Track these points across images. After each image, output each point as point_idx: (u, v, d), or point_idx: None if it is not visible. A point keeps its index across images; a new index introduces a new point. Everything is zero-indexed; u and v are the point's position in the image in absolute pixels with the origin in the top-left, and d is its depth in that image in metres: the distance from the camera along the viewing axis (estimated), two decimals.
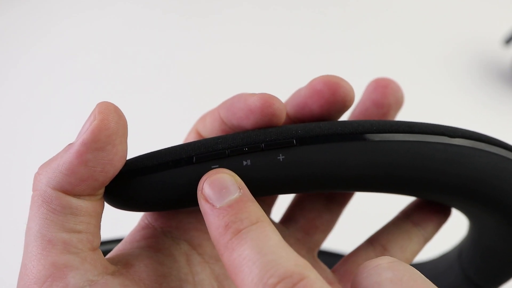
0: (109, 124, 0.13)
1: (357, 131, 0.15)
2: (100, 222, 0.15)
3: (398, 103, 0.18)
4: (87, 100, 0.50)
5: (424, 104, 0.51)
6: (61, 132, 0.46)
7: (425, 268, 0.24)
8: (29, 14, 0.61)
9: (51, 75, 0.53)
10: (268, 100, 0.15)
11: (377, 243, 0.18)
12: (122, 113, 0.14)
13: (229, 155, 0.14)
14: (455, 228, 0.24)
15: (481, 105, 0.51)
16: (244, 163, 0.14)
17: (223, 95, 0.18)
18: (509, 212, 0.16)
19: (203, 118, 0.18)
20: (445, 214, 0.19)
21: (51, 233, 0.13)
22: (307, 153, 0.14)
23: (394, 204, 0.21)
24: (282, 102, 0.15)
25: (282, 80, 0.53)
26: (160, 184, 0.15)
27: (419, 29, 0.61)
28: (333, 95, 0.16)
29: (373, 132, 0.15)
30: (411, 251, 0.18)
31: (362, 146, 0.14)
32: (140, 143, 0.27)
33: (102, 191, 0.14)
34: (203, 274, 0.16)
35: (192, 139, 0.18)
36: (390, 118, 0.18)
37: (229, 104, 0.16)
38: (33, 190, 0.14)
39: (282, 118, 0.15)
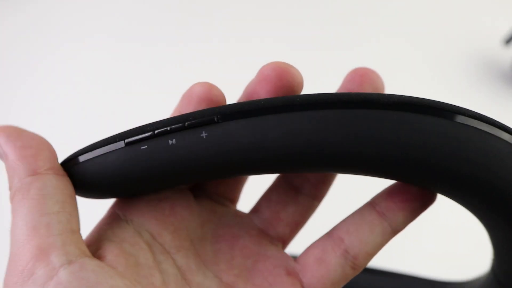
0: (5, 128, 0.15)
1: (280, 104, 0.14)
2: (76, 205, 0.15)
3: (376, 91, 0.17)
4: (86, 100, 0.50)
5: None
6: (61, 132, 0.46)
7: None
8: (30, 14, 0.61)
9: (51, 75, 0.53)
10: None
11: (336, 235, 0.17)
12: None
13: (156, 135, 0.15)
14: None
15: (481, 105, 0.51)
16: (170, 142, 0.15)
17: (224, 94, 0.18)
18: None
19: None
20: (424, 200, 0.17)
21: (33, 220, 0.14)
22: (228, 129, 0.14)
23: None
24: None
25: None
26: (96, 166, 0.15)
27: (419, 29, 0.61)
28: (279, 80, 0.16)
29: (295, 106, 0.14)
30: (373, 245, 0.17)
31: (284, 119, 0.14)
32: None
33: (60, 168, 0.16)
34: (166, 263, 0.16)
35: None
36: None
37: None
38: (9, 191, 0.15)
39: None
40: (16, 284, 0.13)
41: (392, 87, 0.57)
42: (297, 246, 0.20)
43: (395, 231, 0.17)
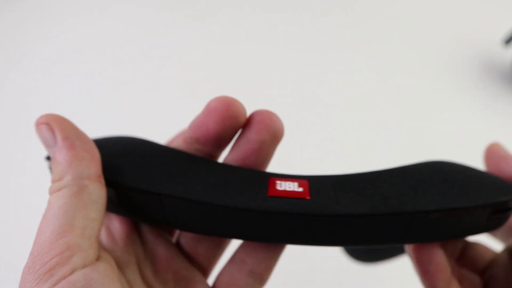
0: (64, 120, 0.17)
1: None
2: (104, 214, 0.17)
3: (274, 138, 0.19)
4: (84, 101, 0.50)
5: (424, 104, 0.51)
6: None
7: None
8: (29, 15, 0.61)
9: (50, 75, 0.53)
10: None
11: (237, 258, 0.20)
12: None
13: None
14: None
15: (481, 105, 0.51)
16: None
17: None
18: None
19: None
20: None
21: (74, 219, 0.15)
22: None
23: None
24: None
25: (281, 81, 0.53)
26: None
27: (419, 29, 0.61)
28: (226, 111, 0.17)
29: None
30: (272, 259, 0.19)
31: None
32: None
33: (102, 177, 0.17)
34: (120, 276, 0.18)
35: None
36: (263, 153, 0.18)
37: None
38: (57, 188, 0.16)
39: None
40: (36, 272, 0.14)
41: (393, 87, 0.57)
42: None
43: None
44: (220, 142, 0.18)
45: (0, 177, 0.42)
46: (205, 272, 0.21)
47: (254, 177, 0.17)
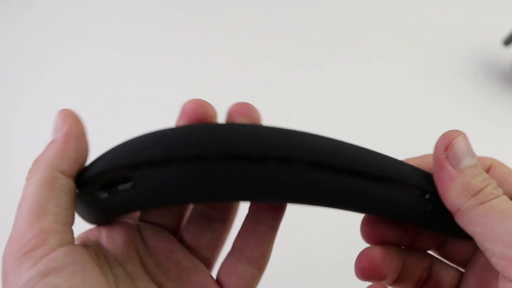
0: (78, 121, 0.18)
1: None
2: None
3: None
4: (82, 102, 0.50)
5: (424, 105, 0.51)
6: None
7: None
8: (30, 15, 0.60)
9: (49, 76, 0.53)
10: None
11: (235, 248, 0.21)
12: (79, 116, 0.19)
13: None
14: None
15: (481, 105, 0.51)
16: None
17: (222, 98, 0.19)
18: None
19: None
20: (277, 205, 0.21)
21: (47, 206, 0.16)
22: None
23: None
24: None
25: (282, 81, 0.53)
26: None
27: (419, 30, 0.61)
28: (197, 112, 0.18)
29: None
30: (266, 245, 0.21)
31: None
32: None
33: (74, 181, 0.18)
34: (117, 270, 0.19)
35: None
36: None
37: None
38: (32, 175, 0.17)
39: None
40: (15, 256, 0.15)
41: (393, 87, 0.57)
42: None
43: (274, 229, 0.21)
44: None
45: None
46: (209, 263, 0.22)
47: None
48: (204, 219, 0.22)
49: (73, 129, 0.18)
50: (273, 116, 0.20)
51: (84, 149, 0.18)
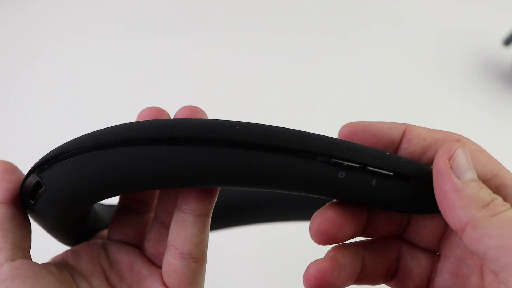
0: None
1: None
2: (30, 232, 0.20)
3: None
4: (82, 102, 0.50)
5: (424, 105, 0.51)
6: (56, 133, 0.45)
7: None
8: (30, 16, 0.61)
9: (49, 80, 0.53)
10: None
11: (169, 244, 0.21)
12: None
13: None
14: None
15: (481, 105, 0.51)
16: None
17: (221, 101, 0.19)
18: None
19: None
20: (206, 190, 0.20)
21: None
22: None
23: None
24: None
25: (282, 81, 0.53)
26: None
27: (419, 30, 0.61)
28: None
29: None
30: (195, 236, 0.20)
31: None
32: None
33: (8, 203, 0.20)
34: (83, 284, 0.21)
35: None
36: None
37: None
38: None
39: None
40: None
41: (392, 87, 0.57)
42: None
43: (201, 216, 0.20)
44: None
45: None
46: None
47: None
48: (162, 227, 0.22)
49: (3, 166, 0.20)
50: (273, 116, 0.20)
51: (12, 176, 0.20)
